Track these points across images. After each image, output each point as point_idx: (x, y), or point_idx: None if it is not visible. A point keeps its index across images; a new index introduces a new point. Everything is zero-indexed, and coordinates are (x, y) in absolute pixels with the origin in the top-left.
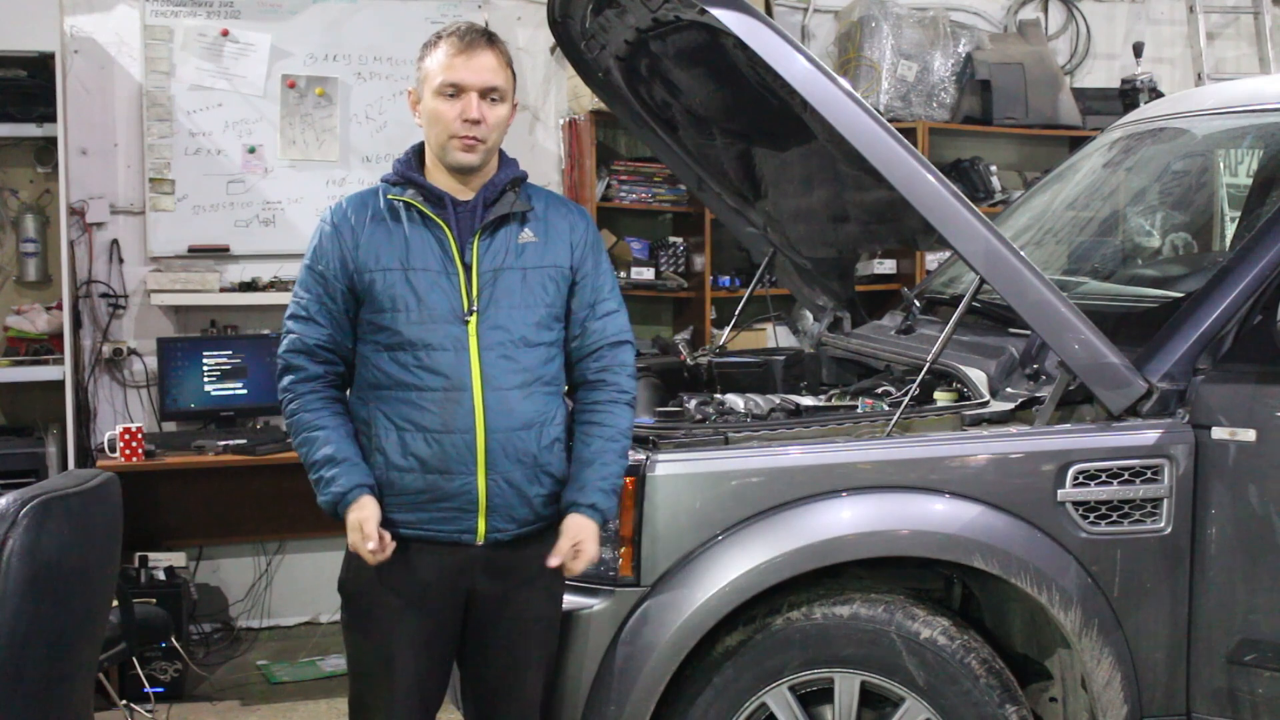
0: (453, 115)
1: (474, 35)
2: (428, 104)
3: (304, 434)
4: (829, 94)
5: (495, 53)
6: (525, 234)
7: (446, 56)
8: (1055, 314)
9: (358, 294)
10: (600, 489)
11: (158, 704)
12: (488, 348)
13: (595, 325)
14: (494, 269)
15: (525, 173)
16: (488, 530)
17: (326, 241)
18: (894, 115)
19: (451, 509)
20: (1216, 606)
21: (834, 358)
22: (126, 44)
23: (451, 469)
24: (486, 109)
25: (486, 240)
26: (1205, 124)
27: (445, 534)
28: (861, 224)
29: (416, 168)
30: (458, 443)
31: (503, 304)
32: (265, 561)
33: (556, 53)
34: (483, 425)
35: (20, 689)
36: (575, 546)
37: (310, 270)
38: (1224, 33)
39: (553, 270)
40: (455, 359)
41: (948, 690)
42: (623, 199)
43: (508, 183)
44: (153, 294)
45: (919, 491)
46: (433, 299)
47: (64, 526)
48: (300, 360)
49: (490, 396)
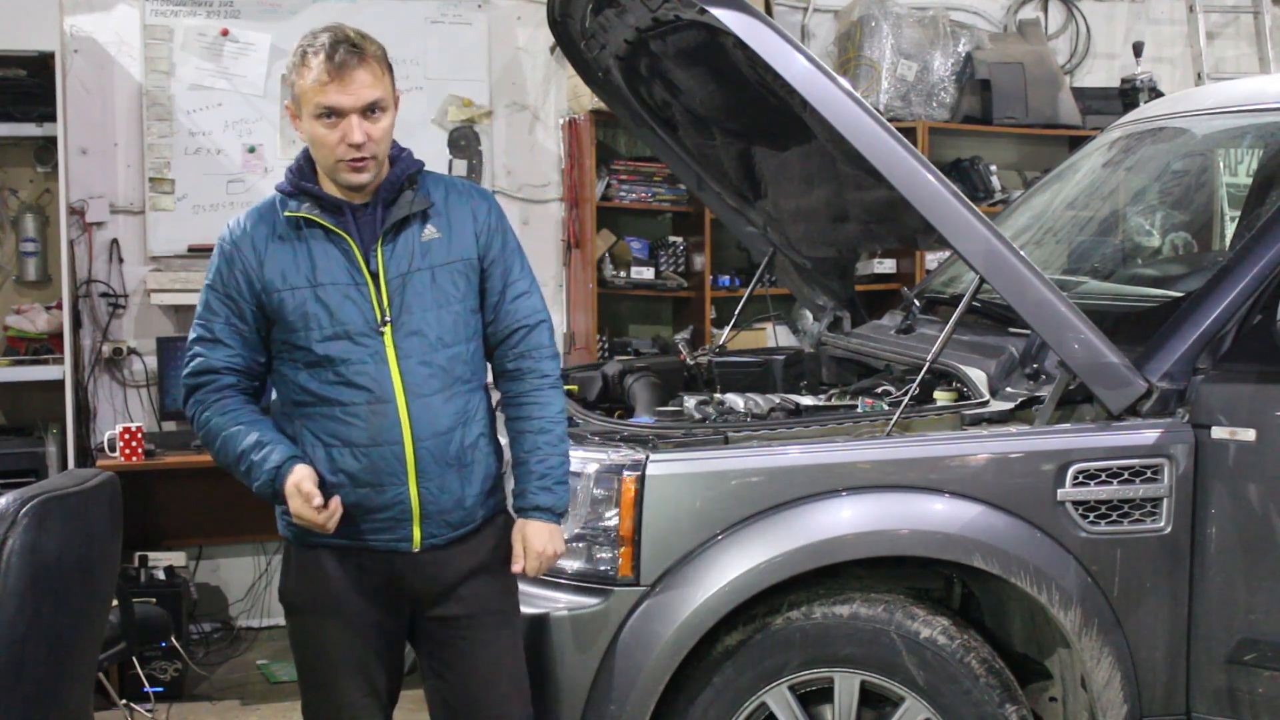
0: (335, 140)
1: (343, 52)
2: (307, 126)
3: (223, 434)
4: (829, 94)
5: (367, 65)
6: (428, 231)
7: (318, 79)
8: (1055, 314)
9: (267, 313)
10: (541, 487)
11: (158, 704)
12: (406, 355)
13: (508, 308)
14: (401, 274)
15: (420, 162)
16: (423, 537)
17: (228, 264)
18: (894, 115)
19: (386, 519)
20: (1216, 606)
21: (834, 357)
22: (126, 44)
23: (382, 481)
24: (370, 125)
25: (390, 245)
26: (1205, 124)
27: (381, 543)
28: (861, 224)
29: (310, 175)
30: (386, 455)
31: (414, 309)
32: (265, 561)
33: (556, 53)
34: (410, 435)
35: (20, 689)
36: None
37: (213, 291)
38: (1224, 33)
39: (460, 264)
40: (375, 370)
41: (947, 690)
42: (623, 198)
43: (404, 179)
44: (153, 294)
45: (919, 491)
46: (345, 313)
47: (64, 526)
48: (206, 378)
49: (414, 405)
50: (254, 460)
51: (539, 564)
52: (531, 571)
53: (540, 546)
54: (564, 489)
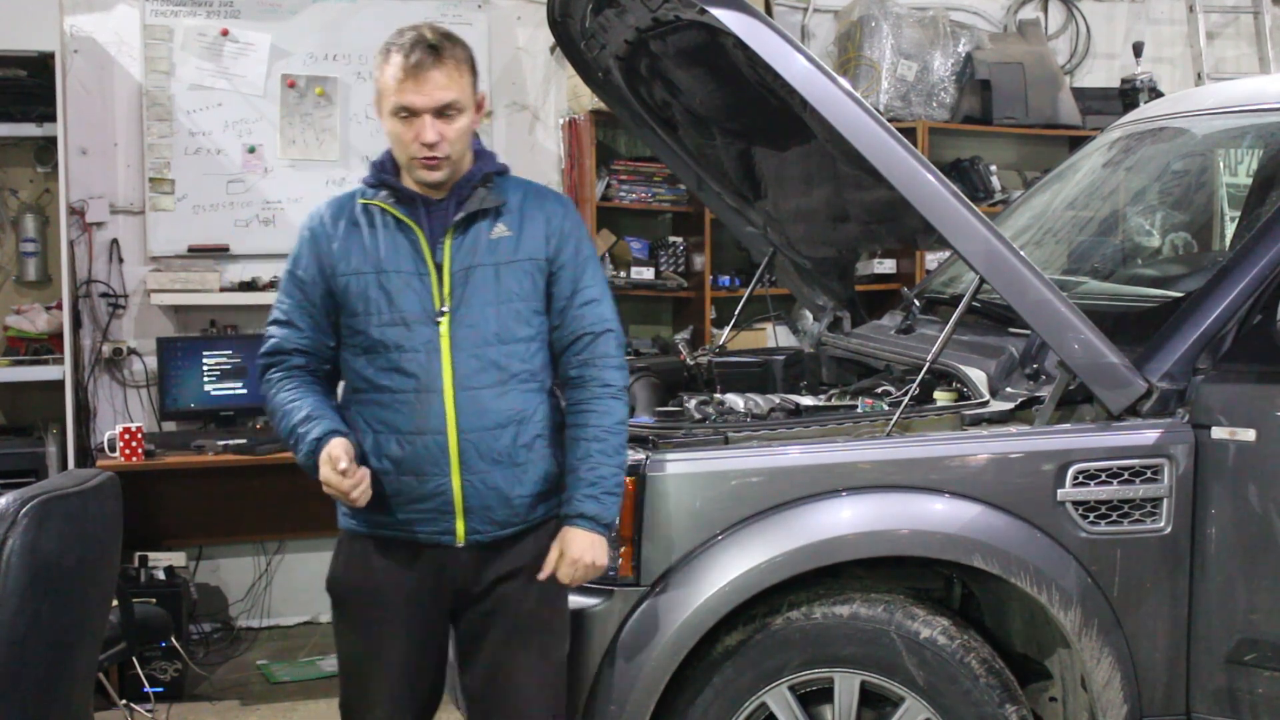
0: (410, 138)
1: (421, 52)
2: (386, 122)
3: (282, 410)
4: (829, 94)
5: (446, 66)
6: (499, 229)
7: (395, 78)
8: (1055, 314)
9: (336, 297)
10: (588, 495)
11: (158, 704)
12: (459, 347)
13: (575, 314)
14: (465, 267)
15: (503, 166)
16: (467, 532)
17: (305, 247)
18: (894, 115)
19: (428, 510)
20: (1216, 606)
21: (834, 358)
22: (126, 44)
23: (425, 470)
24: (444, 126)
25: (458, 238)
26: (1205, 124)
27: (425, 535)
28: (861, 224)
29: (391, 170)
30: (429, 444)
31: (474, 302)
32: (265, 561)
33: (556, 53)
34: (454, 426)
35: (20, 689)
36: (571, 561)
37: (291, 275)
38: (1224, 33)
39: (528, 263)
40: (426, 360)
41: (947, 690)
42: (622, 199)
43: (480, 178)
44: (153, 294)
45: (919, 491)
46: (404, 300)
47: (64, 526)
48: (277, 358)
49: (462, 397)
50: (300, 433)
51: (572, 571)
52: (563, 578)
53: (577, 554)
54: (613, 500)
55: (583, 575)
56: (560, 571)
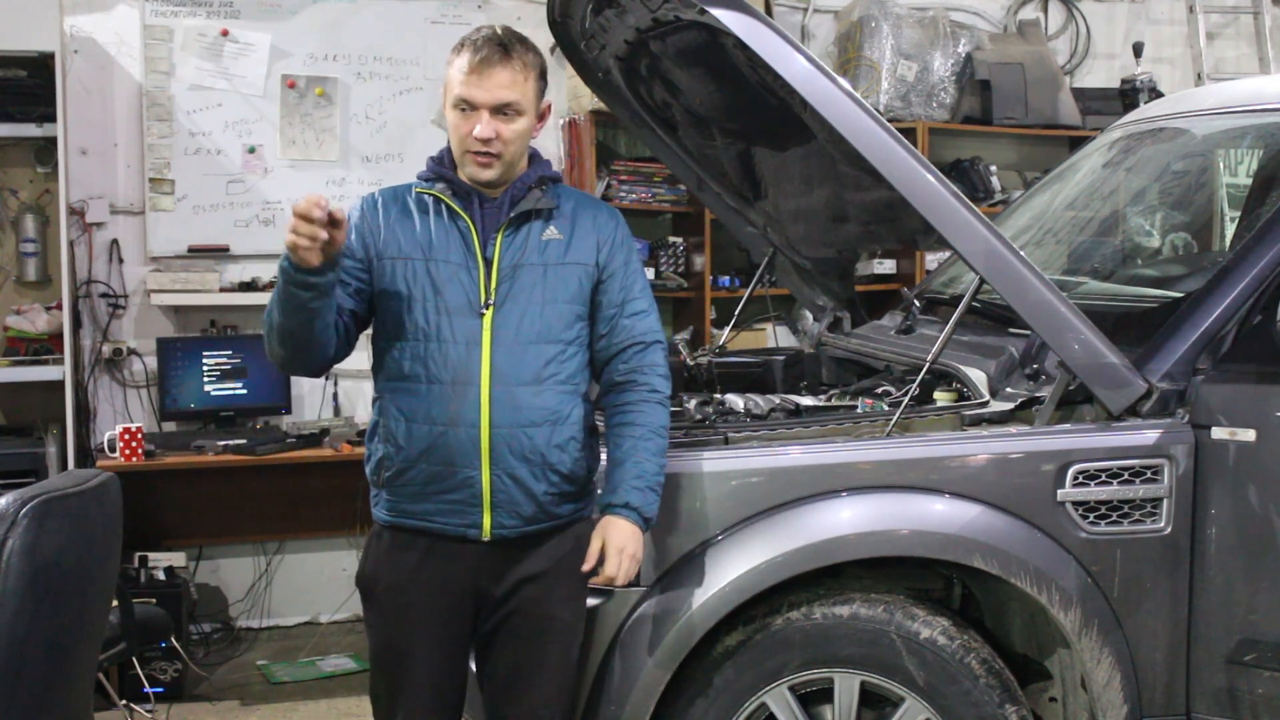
0: (466, 130)
1: (490, 49)
2: (447, 113)
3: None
4: (829, 94)
5: (512, 67)
6: (550, 231)
7: (462, 71)
8: (1055, 314)
9: (373, 277)
10: (634, 487)
11: (158, 704)
12: (500, 342)
13: (624, 323)
14: (514, 264)
15: (558, 173)
16: (493, 525)
17: (355, 220)
18: (894, 115)
19: (456, 502)
20: (1216, 606)
21: (834, 358)
22: (126, 44)
23: (455, 461)
24: (501, 125)
25: (510, 236)
26: (1205, 124)
27: (452, 527)
28: (861, 224)
29: (449, 164)
30: (461, 436)
31: (520, 299)
32: (265, 561)
33: (556, 53)
34: (487, 420)
35: (20, 689)
36: (617, 550)
37: None
38: (1224, 33)
39: (576, 267)
40: (466, 352)
41: (947, 690)
42: (622, 199)
43: (535, 181)
44: (153, 294)
45: (919, 491)
46: (450, 291)
47: (64, 526)
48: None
49: (497, 391)
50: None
51: (618, 561)
52: (609, 569)
53: (621, 543)
54: (656, 497)
55: (626, 569)
56: (607, 565)
